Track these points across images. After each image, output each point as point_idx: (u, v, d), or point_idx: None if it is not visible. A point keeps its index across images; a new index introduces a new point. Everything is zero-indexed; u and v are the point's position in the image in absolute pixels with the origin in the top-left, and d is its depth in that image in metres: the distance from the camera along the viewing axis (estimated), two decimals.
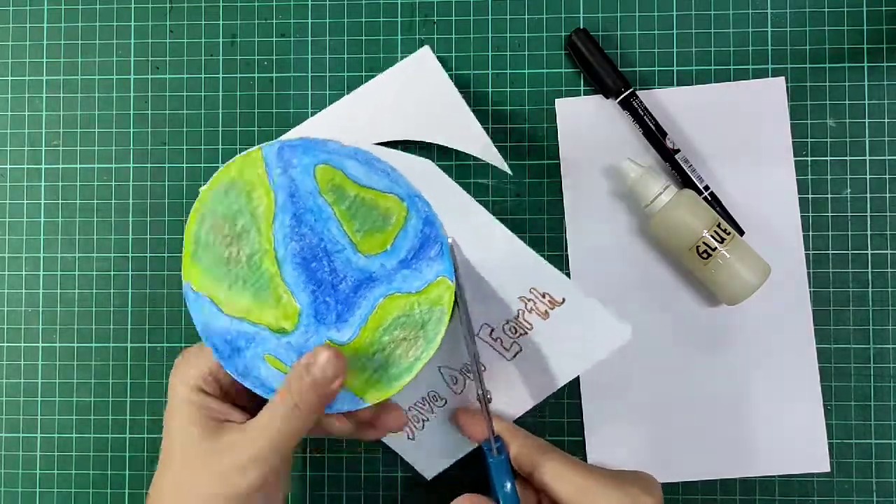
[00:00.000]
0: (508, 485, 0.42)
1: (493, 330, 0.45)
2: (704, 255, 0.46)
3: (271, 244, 0.40)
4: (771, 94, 0.50)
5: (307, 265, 0.40)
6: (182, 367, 0.41)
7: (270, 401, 0.39)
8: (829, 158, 0.50)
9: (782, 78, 0.50)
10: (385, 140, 0.49)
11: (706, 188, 0.49)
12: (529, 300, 0.44)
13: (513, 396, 0.47)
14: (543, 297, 0.44)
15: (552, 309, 0.44)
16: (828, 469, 0.49)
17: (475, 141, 0.49)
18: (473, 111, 0.51)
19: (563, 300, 0.44)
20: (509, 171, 0.48)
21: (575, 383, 0.50)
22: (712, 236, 0.46)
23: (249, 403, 0.42)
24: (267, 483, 0.38)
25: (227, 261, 0.40)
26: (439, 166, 0.42)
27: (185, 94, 0.52)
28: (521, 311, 0.44)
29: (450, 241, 0.40)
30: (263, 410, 0.39)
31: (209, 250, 0.40)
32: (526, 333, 0.45)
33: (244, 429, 0.39)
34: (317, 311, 0.40)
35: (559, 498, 0.42)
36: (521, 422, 0.48)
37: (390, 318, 0.40)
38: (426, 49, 0.50)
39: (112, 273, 0.52)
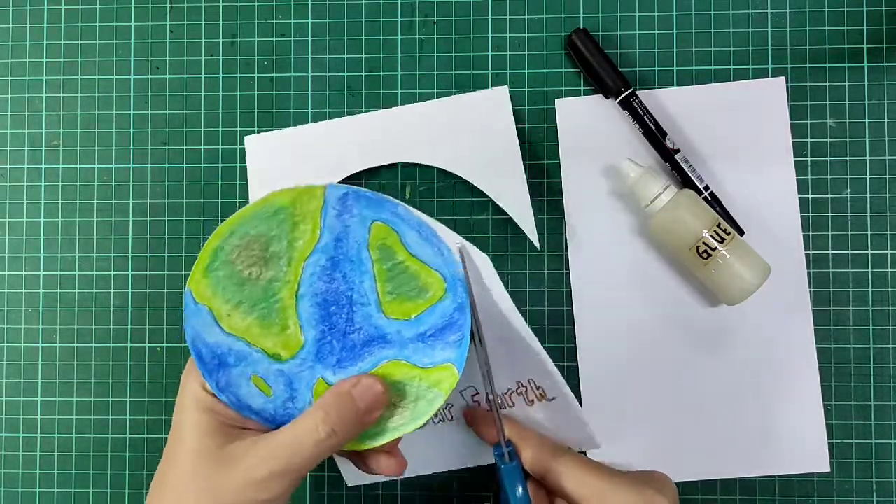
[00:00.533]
0: (520, 489, 0.42)
1: (476, 394, 0.47)
2: (704, 255, 0.46)
3: (296, 278, 0.40)
4: (771, 94, 0.50)
5: (327, 307, 0.40)
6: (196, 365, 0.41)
7: (301, 420, 0.38)
8: (829, 158, 0.50)
9: (782, 78, 0.50)
10: (421, 162, 0.50)
11: (706, 188, 0.49)
12: (523, 386, 0.46)
13: (470, 447, 0.49)
14: (537, 388, 0.45)
15: (539, 401, 0.46)
16: (828, 469, 0.49)
17: (518, 204, 0.49)
18: None
19: (554, 398, 0.46)
20: (538, 245, 0.49)
21: (575, 383, 0.50)
22: (712, 236, 0.46)
23: None
24: (282, 498, 0.38)
25: (244, 280, 0.40)
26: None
27: (185, 94, 0.52)
28: (510, 390, 0.46)
29: (458, 245, 0.40)
30: (290, 427, 0.38)
31: (227, 266, 0.40)
32: (505, 408, 0.47)
33: (267, 442, 0.38)
34: (319, 349, 0.40)
35: (572, 500, 0.41)
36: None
37: (390, 380, 0.40)
38: (504, 89, 0.50)
39: (112, 273, 0.52)
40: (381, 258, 0.40)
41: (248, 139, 0.51)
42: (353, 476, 0.50)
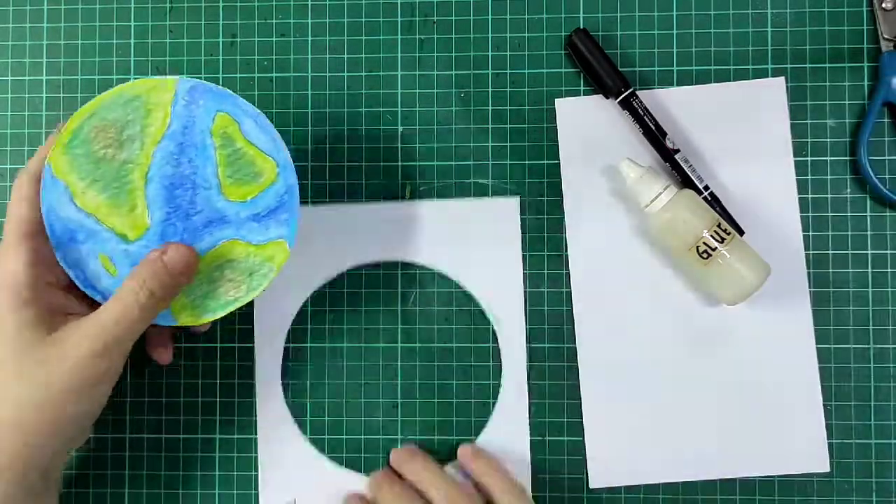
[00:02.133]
0: None
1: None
2: (704, 255, 0.46)
3: (148, 160, 0.43)
4: (771, 94, 0.50)
5: (172, 189, 0.44)
6: (23, 193, 0.43)
7: (121, 291, 0.41)
8: (829, 158, 0.50)
9: (782, 78, 0.50)
10: (421, 263, 0.51)
11: (706, 188, 0.49)
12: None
13: None
14: None
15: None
16: (828, 469, 0.49)
17: (508, 313, 0.51)
18: (473, 111, 0.51)
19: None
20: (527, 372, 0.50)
21: (575, 383, 0.50)
22: (712, 236, 0.46)
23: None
24: (117, 368, 0.41)
25: (100, 160, 0.43)
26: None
27: None
28: None
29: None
30: (113, 300, 0.41)
31: (86, 144, 0.43)
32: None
33: (94, 319, 0.40)
34: (164, 231, 0.44)
35: None
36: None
37: (225, 258, 0.44)
38: (515, 201, 0.51)
39: None
40: (223, 144, 0.44)
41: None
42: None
